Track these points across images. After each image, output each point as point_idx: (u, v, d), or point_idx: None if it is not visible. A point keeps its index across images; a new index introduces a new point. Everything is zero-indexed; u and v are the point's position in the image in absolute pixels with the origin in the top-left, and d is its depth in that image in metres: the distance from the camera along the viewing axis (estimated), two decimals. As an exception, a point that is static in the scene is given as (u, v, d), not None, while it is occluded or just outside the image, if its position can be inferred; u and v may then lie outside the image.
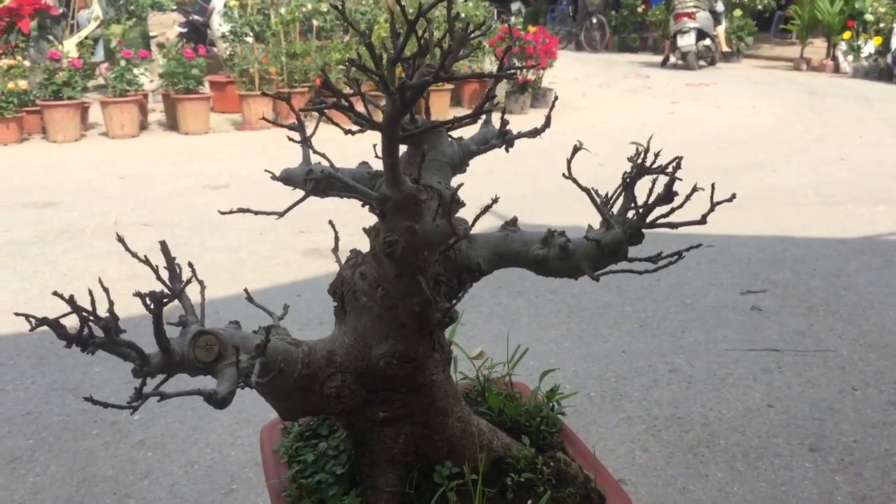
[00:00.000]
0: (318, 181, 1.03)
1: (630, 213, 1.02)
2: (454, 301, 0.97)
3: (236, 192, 5.04)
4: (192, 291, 1.12)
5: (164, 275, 1.05)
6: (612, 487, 1.13)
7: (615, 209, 1.09)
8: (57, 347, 3.37)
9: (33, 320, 0.89)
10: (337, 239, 1.18)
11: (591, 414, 2.75)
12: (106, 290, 0.93)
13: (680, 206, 0.89)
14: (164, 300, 0.87)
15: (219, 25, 10.06)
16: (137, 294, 0.84)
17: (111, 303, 0.91)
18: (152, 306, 0.84)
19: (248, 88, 8.81)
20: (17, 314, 0.91)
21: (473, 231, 1.13)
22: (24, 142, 8.08)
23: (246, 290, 1.19)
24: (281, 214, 1.07)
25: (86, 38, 9.49)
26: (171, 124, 8.90)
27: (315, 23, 9.58)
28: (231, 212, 1.12)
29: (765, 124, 9.15)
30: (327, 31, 9.90)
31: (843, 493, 2.29)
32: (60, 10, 9.85)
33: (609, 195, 1.06)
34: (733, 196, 0.94)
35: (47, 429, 2.70)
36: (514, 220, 1.12)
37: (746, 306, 3.72)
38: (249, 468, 2.45)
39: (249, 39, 9.56)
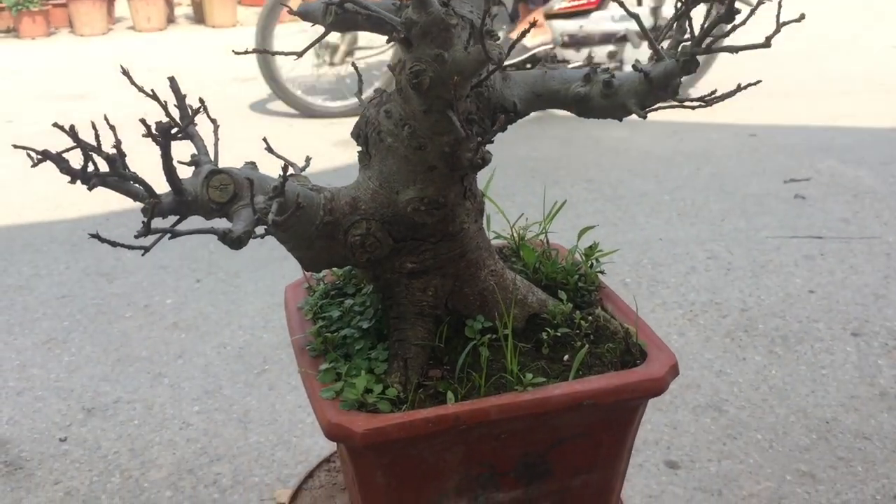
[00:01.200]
0: (338, 10, 0.94)
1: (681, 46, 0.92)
2: (486, 138, 0.90)
3: (264, 84, 4.96)
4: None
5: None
6: (655, 343, 1.07)
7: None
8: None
9: (35, 155, 0.83)
10: (360, 81, 1.10)
11: (627, 299, 2.68)
12: (112, 128, 0.87)
13: (742, 24, 0.80)
14: (173, 132, 0.80)
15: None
16: (143, 123, 0.77)
17: (118, 140, 0.85)
18: (160, 139, 0.77)
19: (275, -21, 8.56)
20: (15, 146, 0.85)
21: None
22: (51, 35, 7.98)
23: (265, 140, 1.12)
24: (300, 54, 0.99)
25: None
26: (199, 17, 8.74)
27: None
28: (246, 52, 1.04)
29: (812, 11, 8.75)
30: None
31: (885, 376, 2.23)
32: None
33: (660, 27, 0.97)
34: (802, 16, 0.84)
35: (81, 311, 2.72)
36: (554, 56, 1.03)
37: (789, 194, 3.59)
38: (282, 349, 2.45)
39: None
